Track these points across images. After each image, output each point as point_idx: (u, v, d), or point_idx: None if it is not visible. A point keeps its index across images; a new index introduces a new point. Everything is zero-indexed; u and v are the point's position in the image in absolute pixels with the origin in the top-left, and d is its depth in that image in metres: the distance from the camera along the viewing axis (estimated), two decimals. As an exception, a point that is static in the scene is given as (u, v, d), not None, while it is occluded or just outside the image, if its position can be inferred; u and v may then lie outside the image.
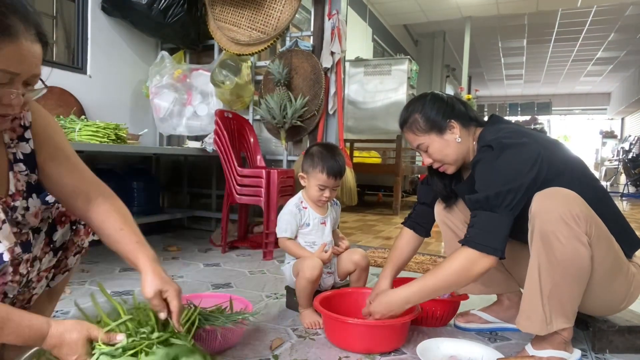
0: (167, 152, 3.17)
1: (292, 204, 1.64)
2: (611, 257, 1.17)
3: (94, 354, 0.83)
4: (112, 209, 1.02)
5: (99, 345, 0.85)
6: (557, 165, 1.20)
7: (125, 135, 2.32)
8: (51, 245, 1.03)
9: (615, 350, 1.33)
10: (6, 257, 0.87)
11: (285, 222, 1.61)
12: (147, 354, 0.83)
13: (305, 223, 1.63)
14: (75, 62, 2.79)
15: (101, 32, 2.88)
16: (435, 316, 1.50)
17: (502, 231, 1.14)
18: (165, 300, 0.94)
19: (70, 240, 1.09)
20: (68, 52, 2.84)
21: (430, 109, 1.29)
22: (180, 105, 3.02)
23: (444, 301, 1.55)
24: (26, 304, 1.03)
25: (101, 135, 2.16)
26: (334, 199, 1.74)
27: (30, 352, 0.88)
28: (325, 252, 1.58)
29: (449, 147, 1.29)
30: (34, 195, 0.98)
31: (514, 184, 1.13)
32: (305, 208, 1.64)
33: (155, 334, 0.89)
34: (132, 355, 0.83)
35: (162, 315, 0.94)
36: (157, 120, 3.05)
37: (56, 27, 2.79)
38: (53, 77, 2.83)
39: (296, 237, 1.63)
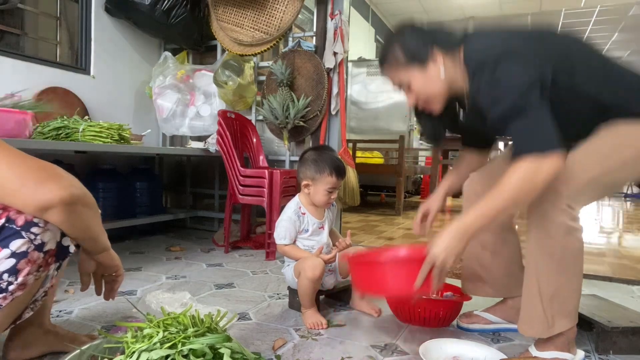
0: (170, 153, 3.17)
1: (290, 210, 1.63)
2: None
3: (134, 351, 0.84)
4: None
5: (135, 343, 0.85)
6: (558, 49, 1.13)
7: (128, 136, 2.32)
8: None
9: (619, 351, 1.33)
10: (72, 248, 0.95)
11: (283, 229, 1.60)
12: (184, 345, 0.84)
13: (304, 229, 1.63)
14: (79, 63, 2.80)
15: (104, 32, 2.89)
16: (438, 317, 1.50)
17: (548, 124, 1.02)
18: None
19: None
20: (72, 53, 2.85)
21: (410, 39, 1.21)
22: (183, 105, 3.03)
23: (447, 302, 1.55)
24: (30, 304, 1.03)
25: (104, 135, 2.17)
26: None
27: (72, 355, 0.89)
28: (326, 254, 1.58)
29: (432, 82, 1.19)
30: None
31: (531, 78, 1.04)
32: (304, 214, 1.63)
33: (191, 329, 0.90)
34: (169, 347, 0.84)
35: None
36: (160, 120, 3.06)
37: (60, 28, 2.80)
38: (56, 77, 2.83)
39: (295, 241, 1.63)
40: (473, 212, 1.08)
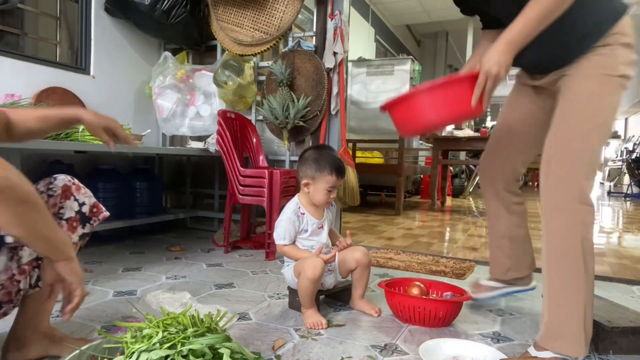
0: (170, 153, 3.17)
1: (289, 210, 1.63)
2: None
3: (133, 351, 0.84)
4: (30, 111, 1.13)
5: (135, 343, 0.85)
6: None
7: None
8: None
9: (619, 351, 1.33)
10: (9, 239, 0.92)
11: (283, 230, 1.60)
12: (183, 345, 0.84)
13: (303, 229, 1.62)
14: (79, 63, 2.80)
15: (104, 32, 2.89)
16: (438, 317, 1.50)
17: None
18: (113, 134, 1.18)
19: None
20: (71, 53, 2.85)
21: None
22: (183, 105, 3.03)
23: (447, 302, 1.55)
24: (14, 298, 1.03)
25: (104, 135, 2.17)
26: None
27: (71, 355, 0.89)
28: (326, 254, 1.58)
29: None
30: None
31: None
32: (303, 214, 1.63)
33: (191, 329, 0.90)
34: (169, 347, 0.83)
35: (112, 145, 1.18)
36: (160, 120, 3.06)
37: (60, 28, 2.80)
38: (56, 77, 2.83)
39: (294, 242, 1.63)
40: (514, 27, 1.14)
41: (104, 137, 1.18)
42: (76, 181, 1.14)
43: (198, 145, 2.86)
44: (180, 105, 3.00)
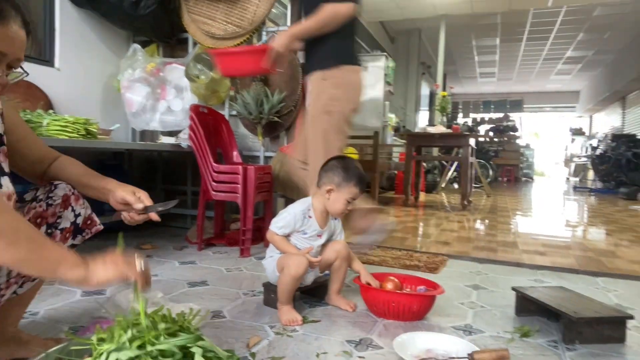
0: (140, 148, 3.09)
1: (299, 208, 1.61)
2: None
3: (102, 353, 0.80)
4: (70, 160, 1.18)
5: (103, 344, 0.82)
6: None
7: (95, 130, 2.25)
8: None
9: (585, 341, 1.37)
10: None
11: (284, 222, 1.59)
12: (153, 345, 0.81)
13: (303, 230, 1.62)
14: (43, 55, 2.68)
15: (70, 23, 2.78)
16: (412, 311, 1.52)
17: None
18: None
19: None
20: (35, 44, 2.73)
21: None
22: (154, 99, 2.95)
23: (421, 296, 1.57)
24: None
25: (70, 130, 2.09)
26: None
27: (38, 358, 0.85)
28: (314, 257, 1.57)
29: None
30: (5, 178, 0.97)
31: None
32: (310, 217, 1.62)
33: (163, 325, 0.87)
34: (139, 347, 0.81)
35: (139, 206, 1.11)
36: (130, 115, 2.98)
37: (22, 18, 2.68)
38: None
39: (288, 236, 1.62)
40: (298, 27, 1.97)
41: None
42: (76, 191, 1.13)
43: (169, 140, 2.80)
44: (150, 100, 2.92)
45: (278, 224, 1.60)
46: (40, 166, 1.14)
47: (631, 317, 1.42)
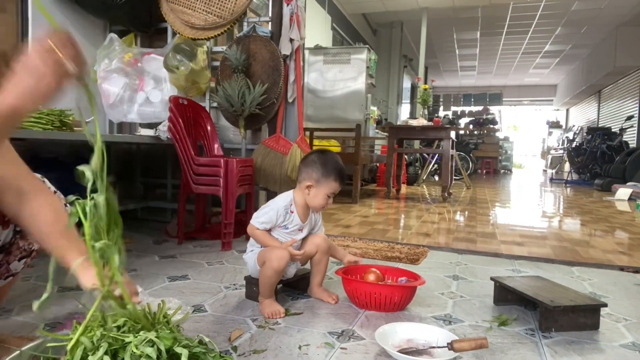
0: (118, 140, 3.02)
1: (281, 204, 1.60)
2: None
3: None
4: (44, 204, 0.95)
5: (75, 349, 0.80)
6: None
7: (71, 122, 2.18)
8: None
9: (561, 328, 1.41)
10: None
11: (267, 217, 1.58)
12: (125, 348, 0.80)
13: (285, 225, 1.61)
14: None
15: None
16: (393, 301, 1.53)
17: None
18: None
19: (14, 244, 1.01)
20: (8, 33, 2.63)
21: None
22: (132, 91, 2.88)
23: (402, 287, 1.58)
24: None
25: (44, 122, 2.03)
26: None
27: (11, 356, 0.82)
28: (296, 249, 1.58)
29: None
30: None
31: None
32: (292, 212, 1.61)
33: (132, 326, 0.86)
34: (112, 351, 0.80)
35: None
36: (106, 106, 2.90)
37: (-9, 5, 2.58)
38: (-12, 58, 2.56)
39: (269, 231, 1.61)
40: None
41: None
42: (47, 185, 1.06)
43: (148, 132, 2.74)
44: (128, 91, 2.85)
45: (260, 219, 1.59)
46: (5, 196, 0.94)
47: (605, 305, 1.46)
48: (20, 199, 0.92)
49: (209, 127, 2.84)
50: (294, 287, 1.76)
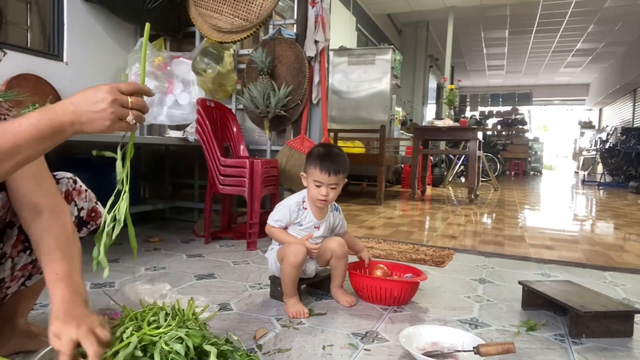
0: (148, 142, 3.10)
1: (294, 200, 1.63)
2: None
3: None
4: (51, 229, 0.93)
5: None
6: None
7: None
8: (26, 243, 1.00)
9: (592, 335, 1.37)
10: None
11: (280, 214, 1.61)
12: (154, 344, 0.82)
13: (299, 222, 1.62)
14: (51, 49, 2.70)
15: (78, 17, 2.79)
16: (393, 295, 1.58)
17: None
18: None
19: None
20: (43, 39, 2.75)
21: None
22: (161, 93, 2.96)
23: (401, 282, 1.62)
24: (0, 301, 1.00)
25: (79, 124, 2.10)
26: (335, 204, 1.72)
27: (43, 352, 0.85)
28: (315, 243, 1.59)
29: None
30: None
31: None
32: (305, 209, 1.63)
33: (163, 325, 0.88)
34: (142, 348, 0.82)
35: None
36: (137, 109, 2.99)
37: (30, 12, 2.69)
38: (27, 64, 2.73)
39: (286, 228, 1.64)
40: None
41: None
42: (78, 184, 1.10)
43: (177, 134, 2.81)
44: (157, 93, 2.93)
45: (274, 217, 1.62)
46: (22, 212, 0.94)
47: (639, 312, 1.41)
48: (32, 217, 0.93)
49: (235, 129, 2.89)
50: (317, 287, 1.77)
